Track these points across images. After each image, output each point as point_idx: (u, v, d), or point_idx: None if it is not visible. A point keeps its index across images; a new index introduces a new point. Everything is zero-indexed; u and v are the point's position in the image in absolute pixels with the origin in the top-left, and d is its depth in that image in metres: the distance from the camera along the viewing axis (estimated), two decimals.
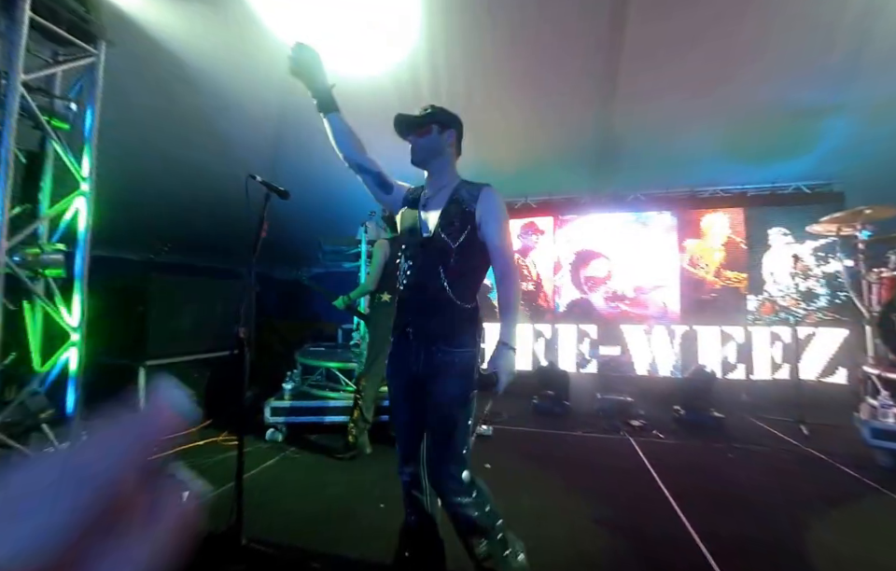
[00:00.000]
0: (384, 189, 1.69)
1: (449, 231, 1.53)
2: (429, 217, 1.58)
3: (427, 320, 1.54)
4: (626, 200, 6.49)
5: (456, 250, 1.51)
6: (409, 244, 1.62)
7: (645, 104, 4.07)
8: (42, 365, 2.52)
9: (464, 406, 1.51)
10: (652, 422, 4.43)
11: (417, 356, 1.55)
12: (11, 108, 2.10)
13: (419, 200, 1.64)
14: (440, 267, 1.52)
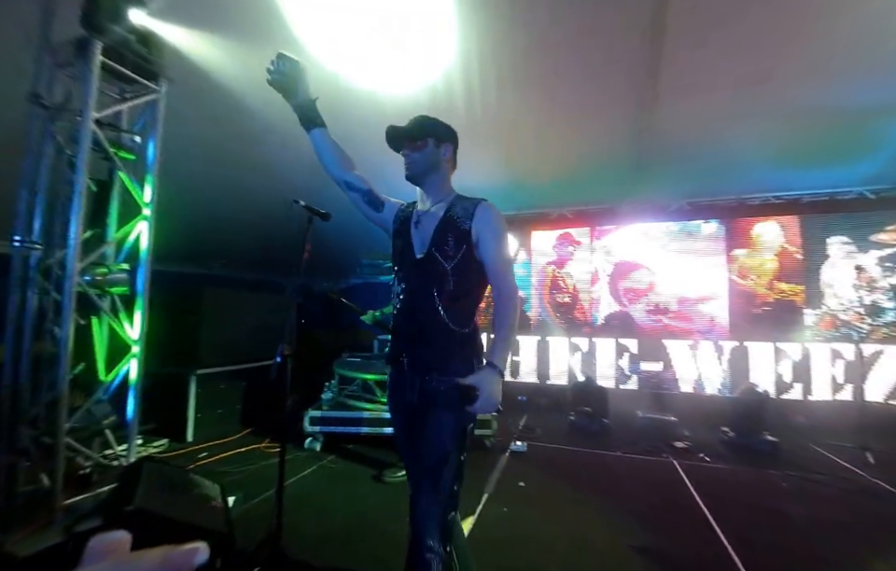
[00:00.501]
0: (373, 207, 1.59)
1: (443, 252, 1.42)
2: (422, 237, 1.47)
3: (420, 348, 1.44)
4: (669, 209, 6.23)
5: (451, 271, 1.41)
6: (401, 266, 1.52)
7: (689, 108, 3.89)
8: (106, 375, 2.75)
9: (456, 440, 1.38)
10: (698, 444, 4.20)
11: (412, 386, 1.45)
12: (85, 143, 2.33)
13: (411, 217, 1.53)
14: (433, 290, 1.41)
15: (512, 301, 1.39)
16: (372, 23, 2.89)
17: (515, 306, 1.39)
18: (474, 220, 1.43)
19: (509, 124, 4.22)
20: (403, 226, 1.53)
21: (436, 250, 1.42)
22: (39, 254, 2.46)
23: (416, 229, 1.49)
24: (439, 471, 1.35)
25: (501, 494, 3.00)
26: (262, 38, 2.69)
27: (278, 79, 1.47)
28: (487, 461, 3.63)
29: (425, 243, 1.45)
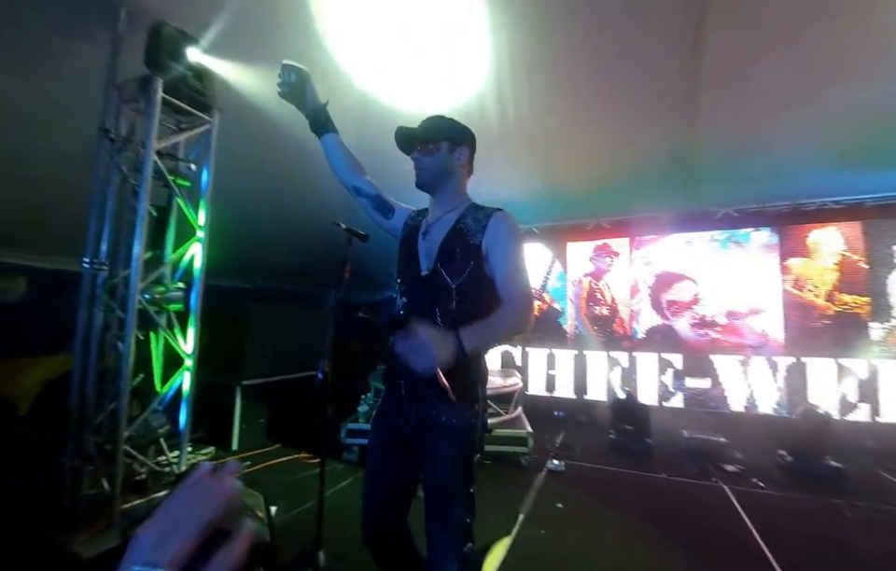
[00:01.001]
0: (383, 213, 1.50)
1: (449, 268, 1.31)
2: (429, 249, 1.36)
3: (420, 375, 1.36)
4: (715, 217, 5.93)
5: (457, 290, 1.29)
6: (404, 280, 1.41)
7: (736, 109, 3.67)
8: (161, 386, 2.93)
9: (464, 475, 1.30)
10: (752, 468, 3.92)
11: (408, 415, 1.34)
12: (147, 172, 2.53)
13: (420, 227, 1.42)
14: (436, 309, 1.30)
15: (518, 307, 1.23)
16: (406, 41, 2.96)
17: (519, 314, 1.23)
18: (486, 233, 1.31)
19: (543, 134, 4.17)
20: (411, 235, 1.43)
21: (441, 266, 1.32)
22: (105, 274, 2.68)
23: (424, 240, 1.39)
24: (446, 506, 1.27)
25: (538, 514, 2.93)
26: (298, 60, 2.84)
27: (287, 90, 1.47)
28: (523, 479, 3.56)
29: (431, 256, 1.35)
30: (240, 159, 3.54)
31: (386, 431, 1.41)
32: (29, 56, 2.62)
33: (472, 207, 1.40)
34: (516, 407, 4.46)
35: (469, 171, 1.47)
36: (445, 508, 1.27)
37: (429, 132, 1.38)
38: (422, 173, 1.39)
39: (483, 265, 1.31)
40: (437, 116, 1.42)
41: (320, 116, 1.52)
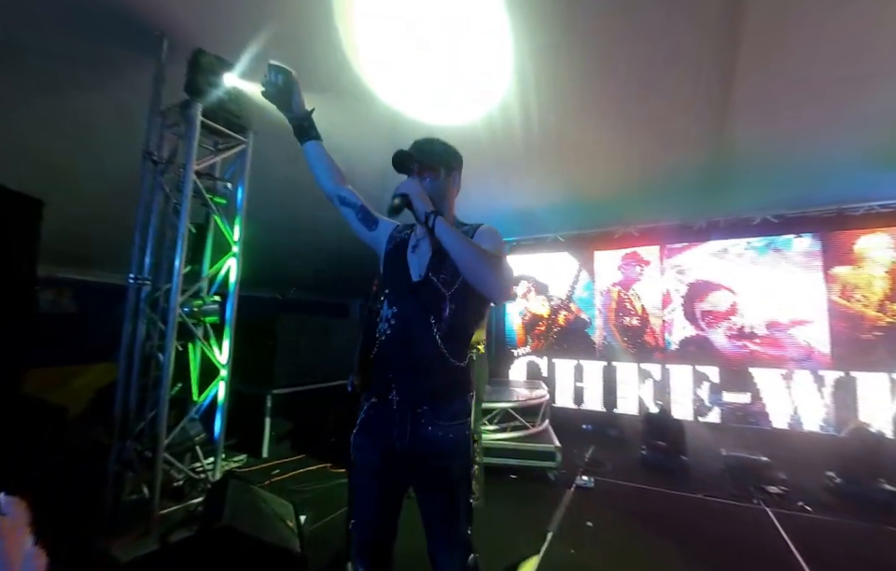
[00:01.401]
0: (366, 224, 1.49)
1: (442, 276, 1.33)
2: (419, 262, 1.38)
3: (416, 382, 1.31)
4: (752, 223, 5.68)
5: (450, 298, 1.32)
6: (394, 289, 1.40)
7: (774, 103, 3.47)
8: (198, 395, 3.05)
9: (465, 487, 1.33)
10: (797, 490, 3.69)
11: (402, 428, 1.30)
12: (187, 191, 2.67)
13: (408, 241, 1.44)
14: (431, 317, 1.31)
15: (493, 258, 1.26)
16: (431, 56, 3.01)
17: (494, 261, 1.26)
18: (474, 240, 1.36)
19: (569, 142, 4.12)
20: (399, 249, 1.44)
21: (433, 275, 1.34)
22: (148, 288, 2.83)
23: (414, 253, 1.40)
24: (451, 523, 1.30)
25: (567, 533, 2.85)
26: (329, 85, 2.93)
27: (272, 91, 1.45)
28: (551, 496, 3.48)
29: (422, 267, 1.36)
30: (272, 176, 3.67)
31: (374, 448, 1.36)
32: (78, 84, 2.81)
33: (459, 223, 1.45)
34: (543, 420, 4.38)
35: (458, 191, 1.54)
36: (451, 524, 1.30)
37: (428, 157, 1.42)
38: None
39: None
40: (432, 140, 1.47)
41: (304, 122, 1.51)
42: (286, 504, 2.48)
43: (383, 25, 2.64)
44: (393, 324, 1.35)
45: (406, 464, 1.32)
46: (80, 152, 3.35)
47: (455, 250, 1.26)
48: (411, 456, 1.30)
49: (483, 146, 4.15)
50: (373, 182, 1.56)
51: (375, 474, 1.35)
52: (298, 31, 2.56)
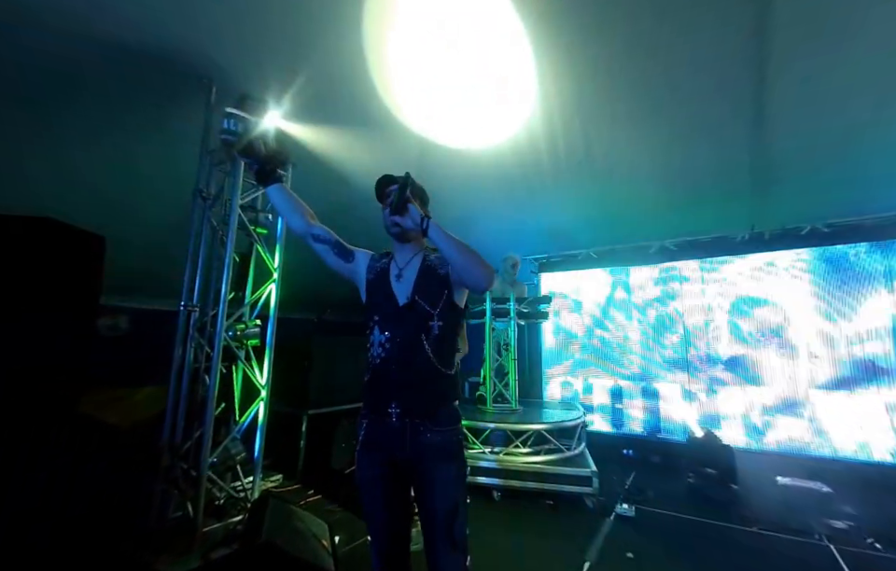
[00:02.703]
0: (343, 258, 1.60)
1: (427, 297, 1.48)
2: (405, 287, 1.52)
3: (414, 395, 1.44)
4: (800, 233, 5.35)
5: (438, 315, 1.47)
6: (383, 316, 1.51)
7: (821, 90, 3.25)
8: (240, 416, 3.19)
9: (461, 485, 1.45)
10: (866, 525, 3.36)
11: (402, 439, 1.42)
12: (233, 225, 2.86)
13: (388, 269, 1.56)
14: (421, 335, 1.45)
15: (480, 256, 1.41)
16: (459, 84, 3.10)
17: (480, 258, 1.41)
18: (448, 265, 1.51)
19: (595, 162, 4.09)
20: (381, 277, 1.56)
21: (419, 297, 1.49)
22: (197, 314, 3.02)
23: (399, 281, 1.53)
24: (452, 523, 1.38)
25: (605, 564, 2.73)
26: (360, 116, 3.09)
27: (229, 139, 1.52)
28: (588, 524, 3.34)
29: (407, 291, 1.50)
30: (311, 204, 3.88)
31: (377, 463, 1.47)
32: (136, 128, 3.09)
33: (429, 250, 1.60)
34: (579, 443, 4.24)
35: None
36: (451, 525, 1.38)
37: (413, 187, 1.56)
38: (401, 224, 1.51)
39: (452, 294, 1.51)
40: (409, 174, 1.56)
41: (267, 166, 1.59)
42: (321, 523, 2.52)
43: (411, 53, 2.77)
44: (387, 347, 1.47)
45: (407, 471, 1.45)
46: (137, 190, 3.67)
47: (448, 246, 1.41)
48: (411, 464, 1.43)
49: (509, 169, 4.20)
50: None
51: (381, 485, 1.46)
52: (331, 67, 2.74)
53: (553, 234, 6.33)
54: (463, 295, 1.56)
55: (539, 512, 3.55)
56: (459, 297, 1.54)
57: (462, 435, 1.52)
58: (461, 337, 1.67)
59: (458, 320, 1.56)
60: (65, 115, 2.91)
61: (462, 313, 1.57)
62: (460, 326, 1.58)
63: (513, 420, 4.29)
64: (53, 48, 2.41)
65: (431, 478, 1.41)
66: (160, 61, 2.56)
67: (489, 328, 5.19)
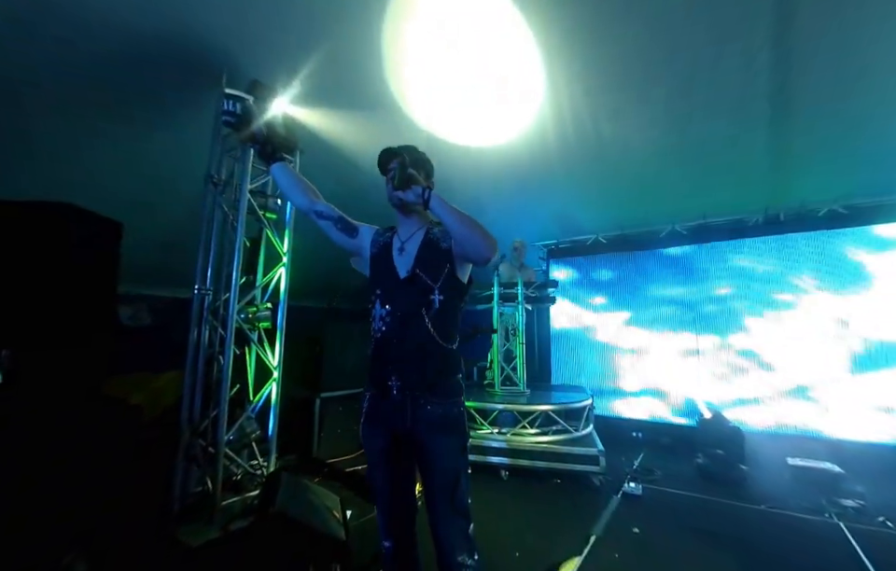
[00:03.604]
0: (347, 233, 1.62)
1: (428, 271, 1.47)
2: (406, 260, 1.52)
3: (414, 368, 1.44)
4: (817, 214, 5.19)
5: (438, 289, 1.46)
6: (385, 289, 1.53)
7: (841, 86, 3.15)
8: (253, 395, 3.29)
9: (462, 457, 1.46)
10: (878, 504, 3.34)
11: (403, 411, 1.44)
12: (242, 209, 2.93)
13: (391, 243, 1.57)
14: (422, 309, 1.44)
15: (483, 227, 1.40)
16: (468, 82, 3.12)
17: (484, 229, 1.40)
18: (451, 239, 1.49)
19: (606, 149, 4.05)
20: (384, 251, 1.57)
21: (420, 270, 1.48)
22: (210, 298, 3.11)
23: (401, 255, 1.54)
24: (454, 493, 1.40)
25: (612, 538, 2.77)
26: (371, 108, 3.12)
27: (230, 120, 1.59)
28: (595, 501, 3.39)
29: (409, 265, 1.50)
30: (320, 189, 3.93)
31: (380, 436, 1.49)
32: (150, 118, 3.16)
33: (433, 224, 1.59)
34: (587, 424, 4.27)
35: None
36: (452, 493, 1.40)
37: (413, 162, 1.56)
38: (408, 198, 1.51)
39: (454, 268, 1.49)
40: (413, 146, 1.61)
41: (268, 146, 1.64)
42: (333, 497, 2.61)
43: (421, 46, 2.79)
44: (388, 320, 1.48)
45: (409, 443, 1.46)
46: (151, 179, 3.75)
47: (449, 217, 1.41)
48: (412, 436, 1.44)
49: (522, 164, 4.18)
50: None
51: (385, 458, 1.49)
52: (342, 53, 2.77)
53: (562, 220, 6.30)
54: (466, 269, 1.54)
55: (546, 490, 3.61)
56: (462, 271, 1.52)
57: (463, 407, 1.50)
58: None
59: (460, 295, 1.53)
60: (77, 107, 2.98)
61: (465, 288, 1.54)
62: (462, 298, 1.55)
63: (521, 402, 4.33)
64: (69, 36, 2.48)
65: (431, 449, 1.42)
66: (171, 47, 2.62)
67: (497, 313, 5.22)
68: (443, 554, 1.39)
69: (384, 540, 1.53)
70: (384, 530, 1.53)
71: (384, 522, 1.53)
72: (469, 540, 1.40)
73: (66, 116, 3.00)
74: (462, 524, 1.40)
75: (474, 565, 1.39)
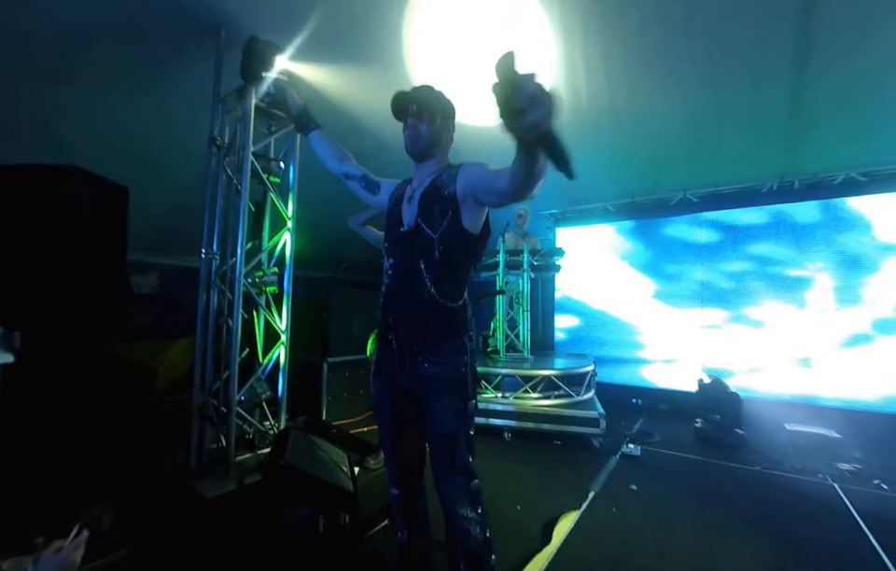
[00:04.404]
0: (371, 190, 1.59)
1: (429, 221, 1.36)
2: (412, 210, 1.43)
3: (409, 325, 1.40)
4: (833, 183, 5.06)
5: (438, 241, 1.34)
6: (390, 241, 1.50)
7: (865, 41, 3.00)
8: (263, 358, 3.37)
9: (461, 420, 1.38)
10: (873, 468, 3.40)
11: (402, 367, 1.41)
12: (246, 171, 2.92)
13: (405, 194, 1.49)
14: (420, 262, 1.36)
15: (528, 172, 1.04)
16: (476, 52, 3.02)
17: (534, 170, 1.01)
18: (458, 180, 1.34)
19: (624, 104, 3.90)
20: (397, 202, 1.51)
21: (422, 220, 1.38)
22: (217, 262, 3.15)
23: (409, 204, 1.45)
24: (452, 453, 1.36)
25: (610, 494, 2.87)
26: (376, 69, 3.04)
27: (271, 101, 1.62)
28: (594, 461, 3.48)
29: (413, 214, 1.41)
30: None
31: (387, 389, 1.50)
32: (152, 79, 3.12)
33: (447, 167, 1.46)
34: (588, 389, 4.35)
35: (451, 140, 1.54)
36: (451, 454, 1.36)
37: (427, 102, 1.43)
38: (417, 141, 1.44)
39: (459, 216, 1.34)
40: (428, 86, 1.46)
41: (302, 117, 1.65)
42: (341, 453, 2.72)
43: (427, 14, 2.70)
44: (390, 273, 1.46)
45: (412, 401, 1.44)
46: (155, 143, 3.73)
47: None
48: (412, 392, 1.43)
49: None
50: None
51: (391, 411, 1.50)
52: (342, 13, 2.68)
53: (570, 188, 6.20)
54: (477, 217, 1.36)
55: (547, 451, 3.72)
56: (471, 220, 1.34)
57: (466, 368, 1.40)
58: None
59: (467, 248, 1.38)
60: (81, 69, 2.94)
61: (474, 241, 1.38)
62: (470, 253, 1.41)
63: (525, 367, 4.40)
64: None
65: (430, 408, 1.39)
66: (169, 9, 2.56)
67: (502, 281, 5.24)
68: (446, 507, 1.39)
69: (391, 488, 1.57)
70: (391, 478, 1.56)
71: (391, 470, 1.56)
72: (472, 495, 1.38)
73: (64, 80, 2.96)
74: (461, 481, 1.37)
75: (477, 518, 1.37)
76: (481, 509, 1.40)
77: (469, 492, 1.38)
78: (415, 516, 1.59)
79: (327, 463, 2.46)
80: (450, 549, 1.41)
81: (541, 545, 2.17)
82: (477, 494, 1.40)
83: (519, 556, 2.07)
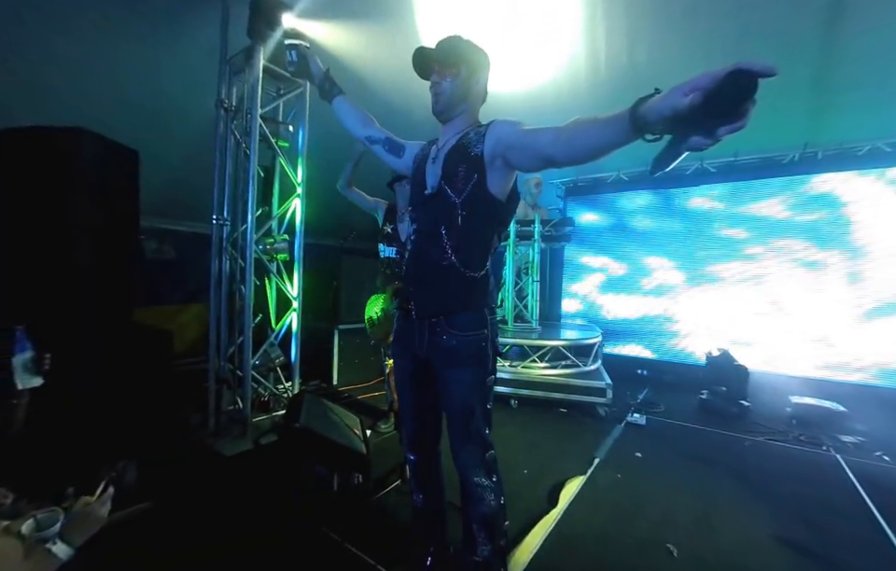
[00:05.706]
0: (395, 153, 1.54)
1: (453, 183, 1.27)
2: (436, 171, 1.34)
3: (428, 293, 1.35)
4: (858, 153, 4.87)
5: (462, 205, 1.26)
6: (413, 205, 1.45)
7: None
8: (275, 324, 3.43)
9: (479, 391, 1.35)
10: (878, 441, 3.43)
11: (421, 336, 1.38)
12: (255, 136, 2.88)
13: (429, 154, 1.40)
14: (441, 228, 1.29)
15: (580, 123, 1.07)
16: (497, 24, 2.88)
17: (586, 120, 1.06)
18: (486, 140, 1.24)
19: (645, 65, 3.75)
20: (421, 163, 1.43)
21: (445, 183, 1.29)
22: (228, 228, 3.15)
23: (433, 165, 1.36)
24: (468, 425, 1.34)
25: (614, 460, 2.93)
26: (387, 28, 2.92)
27: (294, 69, 1.60)
28: (600, 429, 3.54)
29: (436, 176, 1.33)
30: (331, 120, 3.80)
31: (406, 357, 1.49)
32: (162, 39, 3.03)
33: (476, 125, 1.36)
34: (595, 360, 4.38)
35: (484, 97, 1.42)
36: (466, 424, 1.35)
37: (448, 55, 1.31)
38: (440, 98, 1.34)
39: (485, 179, 1.25)
40: (454, 37, 1.33)
41: (325, 83, 1.60)
42: (353, 417, 2.79)
43: None
44: (413, 239, 1.41)
45: (428, 366, 1.41)
46: (163, 106, 3.67)
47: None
48: (429, 363, 1.40)
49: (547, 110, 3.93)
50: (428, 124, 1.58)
51: (410, 377, 1.50)
52: None
53: None
54: (505, 182, 1.28)
55: (553, 418, 3.78)
56: (497, 184, 1.26)
57: (486, 341, 1.35)
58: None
59: (491, 215, 1.30)
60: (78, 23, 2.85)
61: (500, 206, 1.30)
62: (494, 220, 1.33)
63: (533, 337, 4.43)
64: None
65: (446, 379, 1.36)
66: None
67: (512, 251, 5.20)
68: (461, 474, 1.39)
69: (407, 453, 1.58)
70: (408, 444, 1.57)
71: (408, 436, 1.57)
72: (486, 463, 1.37)
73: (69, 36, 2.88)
74: (476, 451, 1.36)
75: (491, 486, 1.37)
76: (496, 477, 1.40)
77: (484, 461, 1.37)
78: (431, 481, 1.61)
79: (339, 426, 2.53)
80: (464, 512, 1.42)
81: (548, 508, 2.24)
82: (492, 464, 1.40)
83: (526, 518, 2.14)
